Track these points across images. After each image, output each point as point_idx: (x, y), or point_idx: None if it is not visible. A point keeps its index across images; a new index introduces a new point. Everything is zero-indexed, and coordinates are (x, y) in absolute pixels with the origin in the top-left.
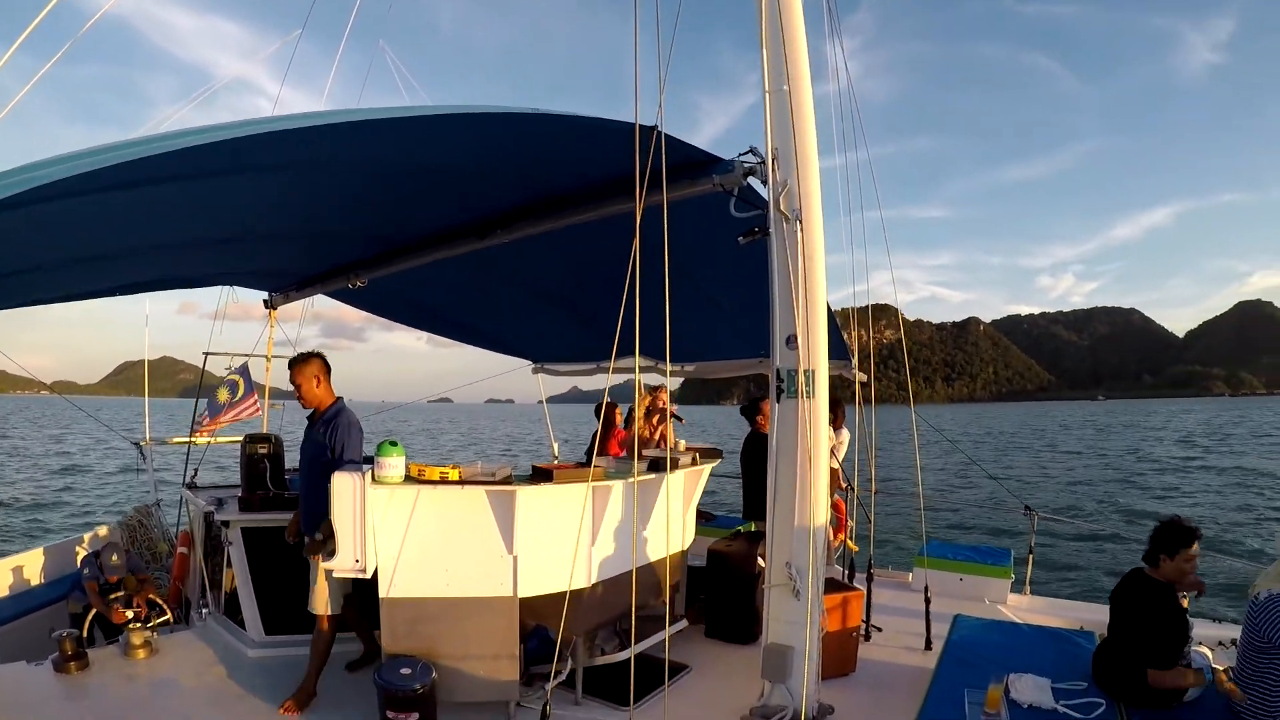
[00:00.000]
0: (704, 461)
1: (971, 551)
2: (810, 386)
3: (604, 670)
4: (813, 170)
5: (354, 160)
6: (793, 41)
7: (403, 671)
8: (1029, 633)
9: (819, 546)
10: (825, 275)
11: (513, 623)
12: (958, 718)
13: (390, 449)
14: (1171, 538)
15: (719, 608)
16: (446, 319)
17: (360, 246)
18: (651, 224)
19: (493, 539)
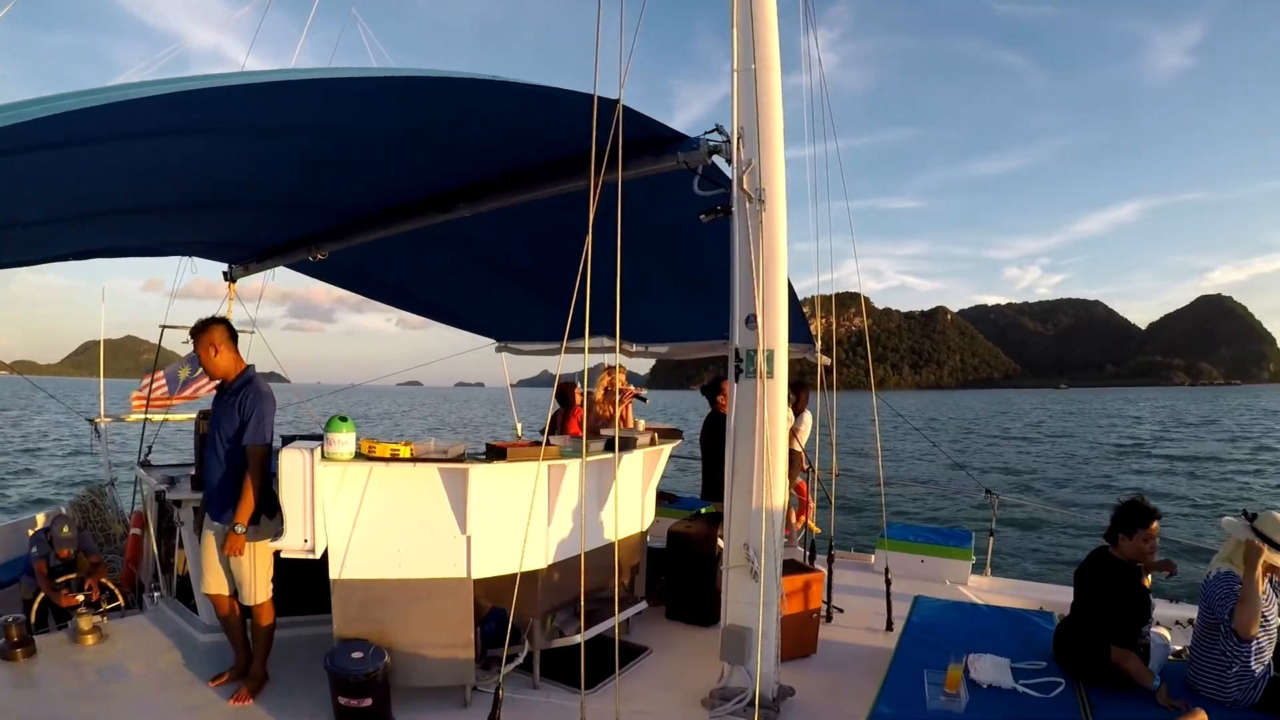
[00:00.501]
0: (663, 442)
1: (932, 534)
2: (769, 367)
3: (565, 653)
4: (777, 151)
5: (308, 124)
6: (763, 21)
7: (354, 656)
8: (988, 613)
9: (777, 528)
10: (786, 256)
11: (467, 605)
12: (917, 698)
13: (340, 425)
14: (1131, 517)
15: (679, 589)
16: (409, 295)
17: (320, 217)
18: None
19: (446, 519)
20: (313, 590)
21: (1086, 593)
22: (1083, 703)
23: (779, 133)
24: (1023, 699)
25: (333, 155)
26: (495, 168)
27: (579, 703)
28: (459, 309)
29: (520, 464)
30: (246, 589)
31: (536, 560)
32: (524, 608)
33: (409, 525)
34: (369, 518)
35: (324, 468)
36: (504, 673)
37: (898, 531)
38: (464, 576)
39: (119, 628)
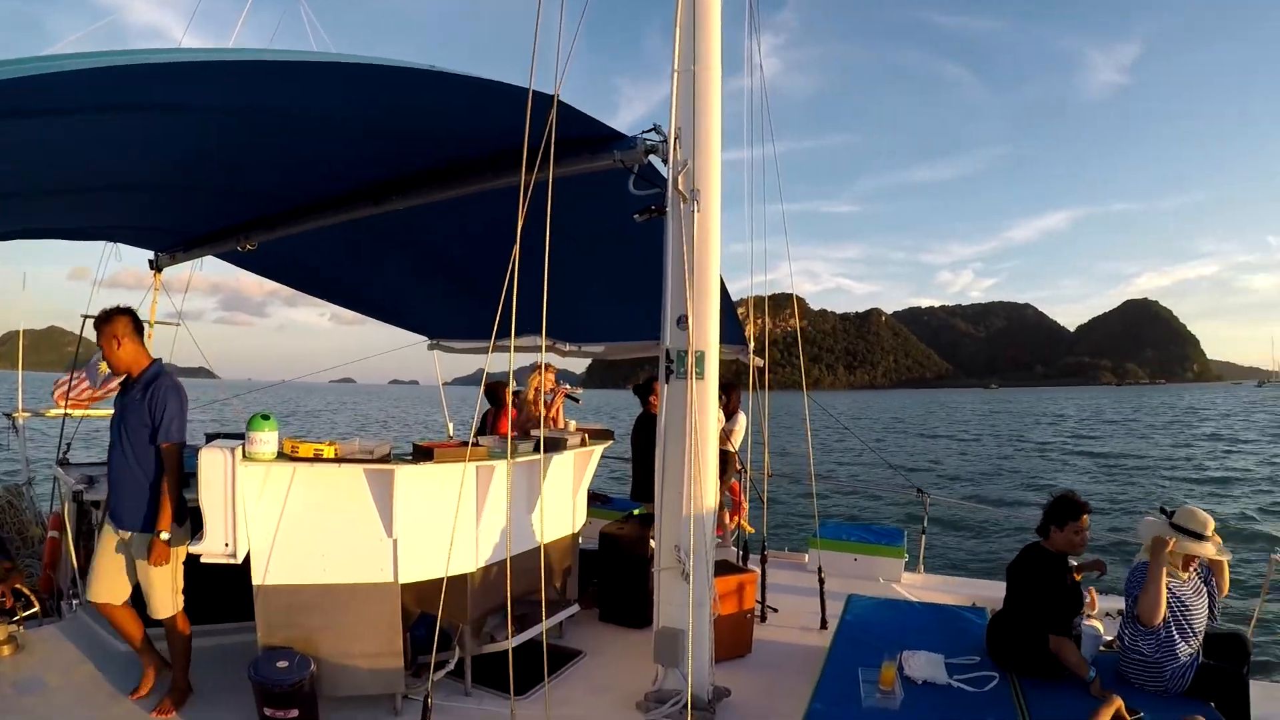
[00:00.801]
0: (594, 442)
1: (865, 532)
2: (700, 368)
3: (499, 658)
4: (714, 152)
5: (236, 106)
6: (705, 24)
7: (279, 665)
8: (921, 610)
9: (708, 529)
10: (719, 257)
11: (395, 610)
12: (852, 696)
13: (262, 423)
14: (1062, 510)
15: (612, 592)
16: (342, 289)
17: (250, 205)
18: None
19: (371, 521)
20: (235, 596)
21: (1019, 587)
22: (1017, 695)
23: (716, 134)
24: (957, 694)
25: (263, 140)
26: (430, 160)
27: (510, 709)
28: (392, 305)
29: (447, 465)
30: (157, 600)
31: (465, 564)
32: (453, 613)
33: (334, 528)
34: (292, 521)
35: (245, 468)
36: (434, 680)
37: (831, 530)
38: (391, 581)
39: (35, 637)
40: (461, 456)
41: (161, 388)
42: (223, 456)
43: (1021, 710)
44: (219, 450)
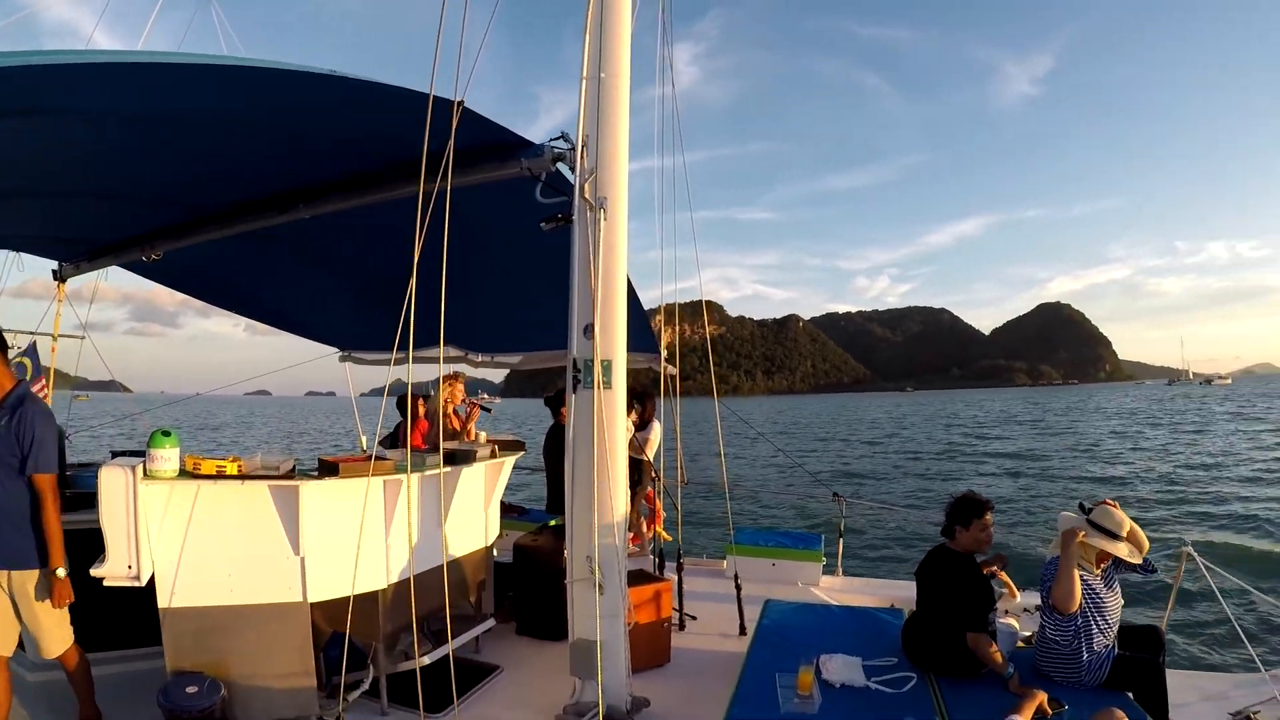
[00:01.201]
0: (504, 454)
1: (782, 537)
2: (607, 376)
3: (415, 676)
4: (621, 159)
5: (136, 111)
6: (615, 31)
7: (189, 690)
8: (839, 613)
9: (619, 539)
10: (626, 266)
11: (305, 630)
12: (770, 701)
13: (163, 440)
14: (966, 510)
15: (528, 604)
16: (251, 301)
17: (154, 213)
18: (461, 206)
19: (278, 539)
20: (142, 620)
21: (931, 588)
22: (935, 695)
23: (624, 142)
24: (875, 695)
25: (165, 147)
26: (336, 168)
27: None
28: (301, 316)
29: (353, 480)
30: (50, 640)
31: (375, 580)
32: (365, 631)
33: (239, 548)
34: (197, 540)
35: (147, 486)
36: (351, 699)
37: (748, 536)
38: (300, 600)
39: None
40: (367, 471)
41: (29, 413)
42: (123, 475)
43: (940, 709)
44: (119, 468)
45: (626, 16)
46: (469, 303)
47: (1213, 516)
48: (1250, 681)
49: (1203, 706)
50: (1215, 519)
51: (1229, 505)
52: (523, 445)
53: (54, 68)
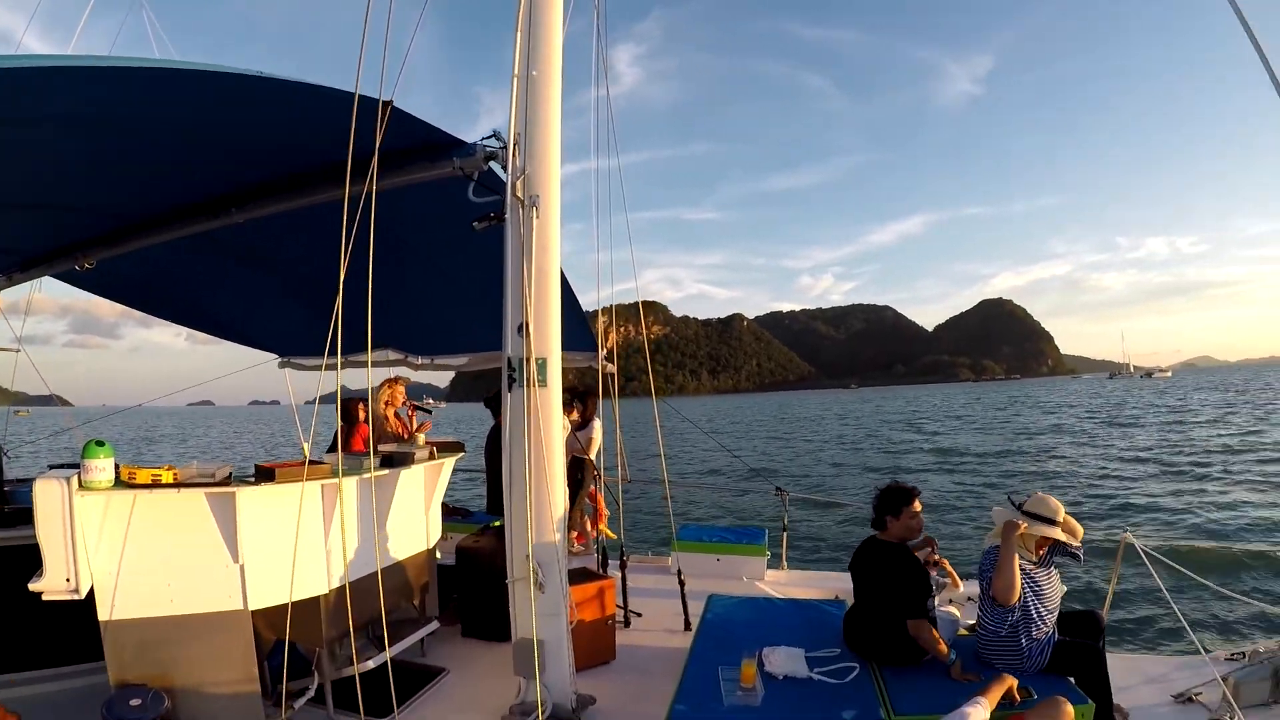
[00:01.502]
0: (443, 455)
1: (726, 532)
2: (542, 375)
3: (363, 681)
4: (553, 158)
5: (58, 115)
6: (547, 29)
7: (132, 703)
8: (782, 606)
9: (559, 538)
10: (559, 264)
11: (247, 638)
12: (714, 695)
13: (97, 450)
14: (894, 499)
15: (473, 606)
16: (188, 308)
17: (85, 221)
18: (395, 208)
19: (216, 547)
20: (84, 635)
21: (866, 579)
22: (878, 684)
23: (556, 140)
24: (819, 686)
25: (92, 152)
26: (269, 169)
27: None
28: (240, 324)
29: (290, 485)
30: None
31: (316, 586)
32: (308, 637)
33: (179, 557)
34: (135, 551)
35: (82, 497)
36: (296, 706)
37: (692, 533)
38: (241, 608)
39: None
40: (303, 476)
41: None
42: (58, 486)
43: (883, 698)
44: (54, 480)
45: (558, 15)
46: (408, 305)
47: (1145, 507)
48: (1192, 664)
49: (1146, 689)
50: (1149, 509)
51: (1162, 496)
52: (461, 447)
53: None
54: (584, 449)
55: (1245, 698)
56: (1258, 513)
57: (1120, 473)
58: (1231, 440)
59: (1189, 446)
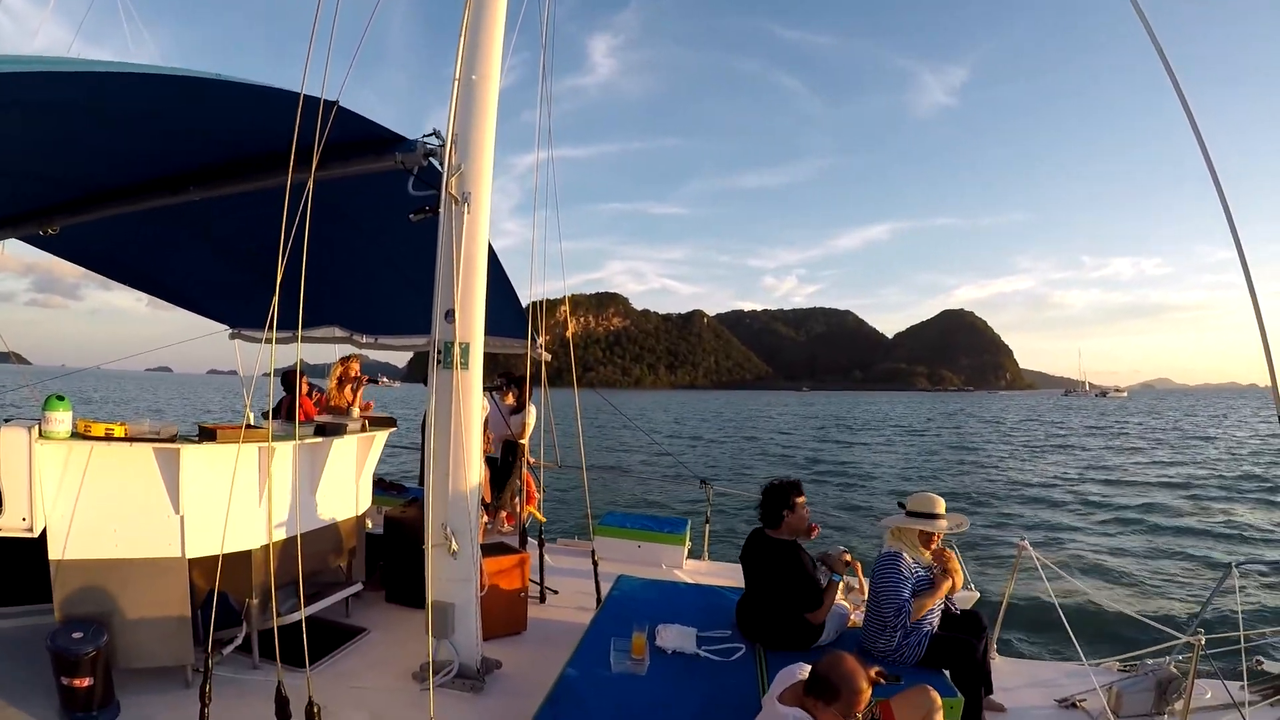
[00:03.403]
0: (375, 429)
1: (649, 521)
2: (465, 358)
3: (287, 634)
4: (487, 157)
5: (46, 101)
6: (487, 35)
7: (74, 635)
8: (684, 590)
9: (473, 508)
10: (486, 255)
11: (183, 584)
12: (602, 663)
13: (58, 404)
14: (784, 494)
15: (397, 573)
16: (146, 276)
17: (52, 190)
18: (342, 195)
19: (160, 498)
20: (31, 579)
21: (757, 572)
22: (760, 665)
23: (490, 141)
24: (704, 663)
25: (66, 133)
26: (226, 154)
27: (303, 678)
28: (196, 293)
29: (229, 445)
30: None
31: (248, 540)
32: (239, 588)
33: (125, 505)
34: (87, 497)
35: (41, 446)
36: (225, 653)
37: (615, 519)
38: (179, 556)
39: None
40: (245, 438)
41: None
42: (22, 433)
43: (762, 678)
44: (18, 428)
45: (499, 23)
46: (354, 287)
47: (1051, 523)
48: (1078, 672)
49: (1031, 692)
50: (1058, 523)
51: (1071, 508)
52: (393, 422)
53: None
54: (518, 433)
55: (1128, 708)
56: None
57: (1038, 484)
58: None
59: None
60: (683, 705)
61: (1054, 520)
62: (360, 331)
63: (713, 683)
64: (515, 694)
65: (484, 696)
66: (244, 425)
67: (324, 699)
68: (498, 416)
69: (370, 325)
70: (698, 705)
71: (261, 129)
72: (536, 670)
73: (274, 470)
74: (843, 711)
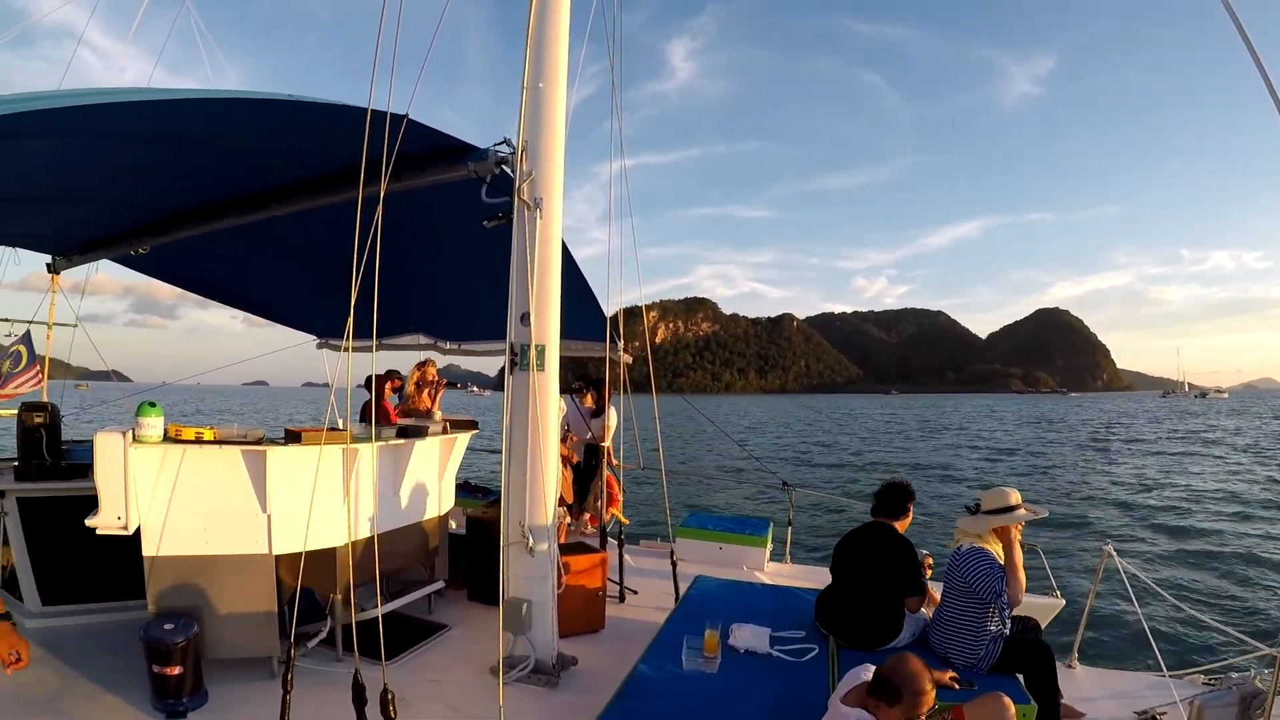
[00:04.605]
0: (456, 431)
1: (731, 522)
2: (540, 360)
3: (372, 629)
4: (557, 162)
5: (131, 130)
6: (553, 42)
7: (166, 627)
8: (761, 590)
9: (550, 506)
10: (560, 259)
11: (269, 579)
12: (674, 660)
13: (150, 410)
14: (908, 492)
15: (479, 571)
16: (233, 291)
17: (141, 213)
18: (420, 207)
19: (247, 498)
20: (124, 576)
21: (862, 559)
22: (832, 665)
23: (560, 146)
24: (775, 662)
25: (153, 157)
26: (305, 171)
27: (380, 674)
28: (278, 305)
29: (313, 447)
30: None
31: (333, 538)
32: (324, 584)
33: (215, 504)
34: (178, 498)
35: (136, 449)
36: (310, 645)
37: (697, 520)
38: (266, 552)
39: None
40: (330, 440)
41: None
42: (118, 438)
43: (833, 678)
44: (114, 433)
45: (564, 31)
46: (435, 295)
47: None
48: (1159, 684)
49: (1110, 703)
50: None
51: (1158, 513)
52: (475, 424)
53: (74, 109)
54: (599, 436)
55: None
56: (1240, 543)
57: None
58: None
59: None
60: (751, 704)
61: (1139, 525)
62: (443, 338)
63: (783, 682)
64: (588, 690)
65: (558, 692)
66: (324, 428)
67: (402, 691)
68: (579, 420)
69: (453, 332)
70: (766, 705)
71: (337, 145)
72: (611, 668)
73: (356, 471)
74: (905, 714)
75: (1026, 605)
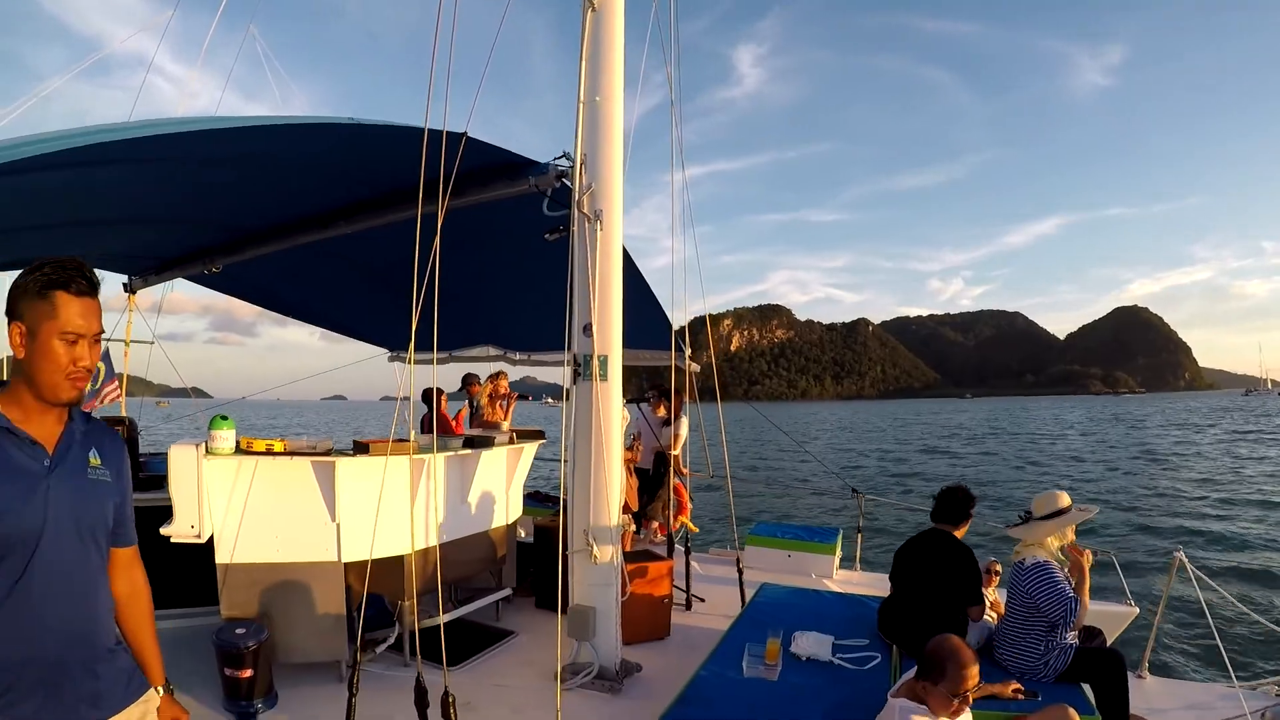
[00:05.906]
0: (523, 441)
1: (800, 530)
2: (603, 370)
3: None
4: (616, 174)
5: (202, 155)
6: (609, 57)
7: (238, 632)
8: (827, 598)
9: (615, 514)
10: (621, 269)
11: (339, 586)
12: (736, 667)
13: (222, 423)
14: (971, 499)
15: (545, 579)
16: (304, 307)
17: (215, 233)
18: (485, 220)
19: (317, 507)
20: (198, 584)
21: (923, 566)
22: (894, 674)
23: (619, 158)
24: (837, 670)
25: (225, 180)
26: (369, 190)
27: (442, 678)
28: (349, 320)
29: (381, 457)
30: None
31: (400, 546)
32: (393, 591)
33: (286, 513)
34: (250, 507)
35: (209, 461)
36: (379, 651)
37: (766, 529)
38: (335, 560)
39: None
40: (396, 450)
41: (117, 446)
42: (192, 450)
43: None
44: (188, 445)
45: (618, 45)
46: (504, 307)
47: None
48: (1231, 695)
49: (1181, 714)
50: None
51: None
52: (542, 434)
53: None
54: (668, 445)
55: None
56: None
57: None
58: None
59: None
60: (811, 711)
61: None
62: (512, 349)
63: (843, 690)
64: (651, 696)
65: (620, 698)
66: (390, 439)
67: (467, 695)
68: (649, 428)
69: (522, 343)
70: (826, 712)
71: (400, 164)
72: (675, 674)
73: (422, 481)
74: (951, 689)
75: (1099, 614)
